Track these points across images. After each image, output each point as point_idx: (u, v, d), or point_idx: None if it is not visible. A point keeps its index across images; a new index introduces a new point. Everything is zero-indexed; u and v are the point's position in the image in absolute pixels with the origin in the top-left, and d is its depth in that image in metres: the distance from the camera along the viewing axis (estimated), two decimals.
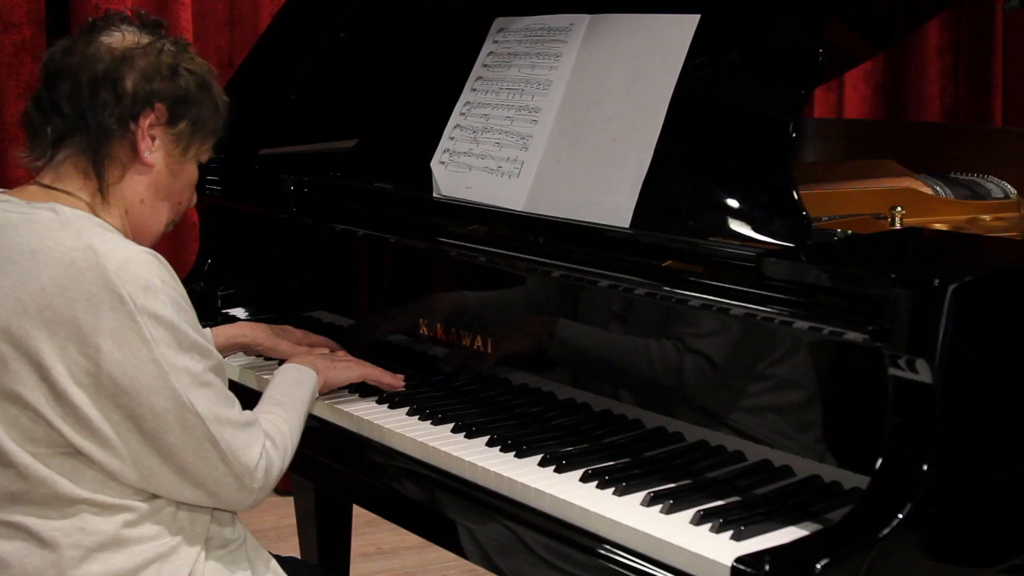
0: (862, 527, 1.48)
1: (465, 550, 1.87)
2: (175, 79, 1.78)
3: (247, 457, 1.72)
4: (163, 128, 1.78)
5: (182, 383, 1.65)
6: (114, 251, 1.65)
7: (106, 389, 1.63)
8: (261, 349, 2.31)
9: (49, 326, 1.62)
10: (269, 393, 1.97)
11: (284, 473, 1.83)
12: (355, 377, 2.16)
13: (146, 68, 1.75)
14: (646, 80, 2.08)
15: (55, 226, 1.67)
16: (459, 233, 2.22)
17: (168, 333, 1.65)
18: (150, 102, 1.75)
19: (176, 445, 1.66)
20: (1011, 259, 1.84)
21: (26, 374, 1.63)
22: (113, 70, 1.74)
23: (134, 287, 1.63)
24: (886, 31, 2.92)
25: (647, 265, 1.89)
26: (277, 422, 1.86)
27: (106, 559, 1.68)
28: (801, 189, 1.89)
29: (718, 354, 1.79)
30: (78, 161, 1.75)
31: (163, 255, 1.72)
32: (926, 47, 4.90)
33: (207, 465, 1.69)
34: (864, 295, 1.59)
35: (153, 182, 1.79)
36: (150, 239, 1.84)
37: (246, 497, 1.74)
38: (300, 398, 1.98)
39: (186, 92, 1.79)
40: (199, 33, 4.11)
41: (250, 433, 1.74)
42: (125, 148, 1.76)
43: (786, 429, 1.71)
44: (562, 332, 2.02)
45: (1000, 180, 2.57)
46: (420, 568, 3.75)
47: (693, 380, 1.82)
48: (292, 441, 1.87)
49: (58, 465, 1.66)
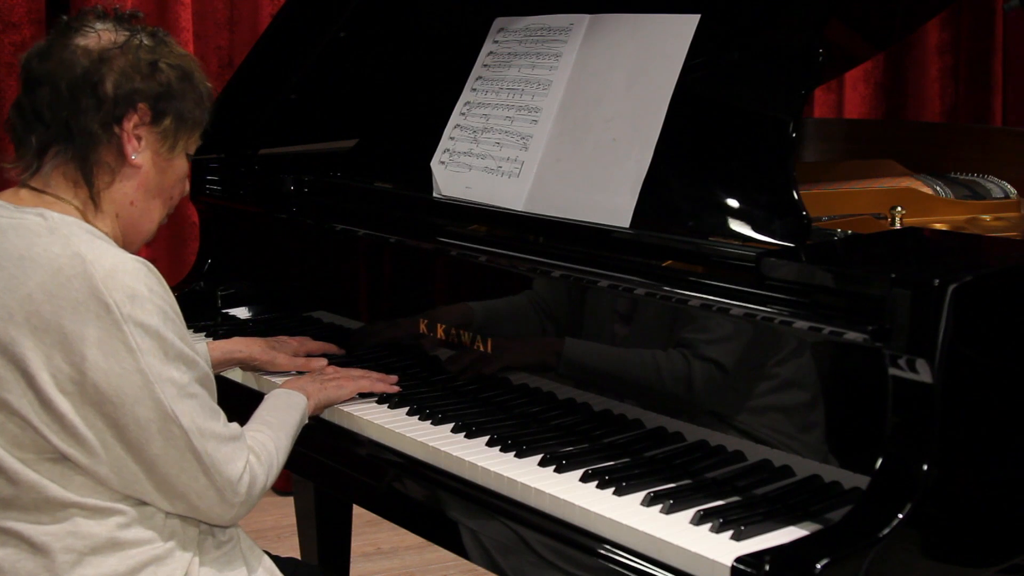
0: (862, 527, 1.48)
1: (465, 550, 1.87)
2: (155, 75, 1.75)
3: (230, 471, 1.71)
4: (148, 128, 1.76)
5: (167, 394, 1.64)
6: (102, 259, 1.63)
7: (90, 397, 1.62)
8: (258, 364, 2.31)
9: (35, 333, 1.61)
10: (258, 414, 1.95)
11: (267, 491, 1.80)
12: (346, 395, 2.14)
13: (125, 68, 1.73)
14: (646, 80, 2.08)
15: (43, 232, 1.66)
16: (459, 233, 2.22)
17: (154, 343, 1.63)
18: (132, 103, 1.73)
19: (158, 456, 1.65)
20: (1011, 259, 1.84)
21: (12, 380, 1.62)
22: (92, 73, 1.71)
23: (121, 296, 1.62)
24: (886, 31, 2.92)
25: (647, 265, 1.90)
26: (263, 440, 1.84)
27: (99, 563, 1.67)
28: (801, 189, 1.89)
29: (719, 354, 1.79)
30: (67, 170, 1.73)
31: (163, 255, 1.72)
32: (926, 47, 4.90)
33: (188, 477, 1.68)
34: (864, 295, 1.59)
35: (143, 183, 1.78)
36: (144, 238, 1.83)
37: (226, 511, 1.73)
38: (289, 421, 1.96)
39: (167, 87, 1.76)
40: (199, 33, 4.11)
41: (234, 448, 1.73)
42: (111, 152, 1.74)
43: (786, 429, 1.71)
44: (562, 332, 2.02)
45: (1000, 180, 2.57)
46: (420, 568, 3.75)
47: (693, 380, 1.82)
48: (278, 460, 1.86)
49: (47, 470, 1.65)
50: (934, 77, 4.93)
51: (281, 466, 1.87)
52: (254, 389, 2.31)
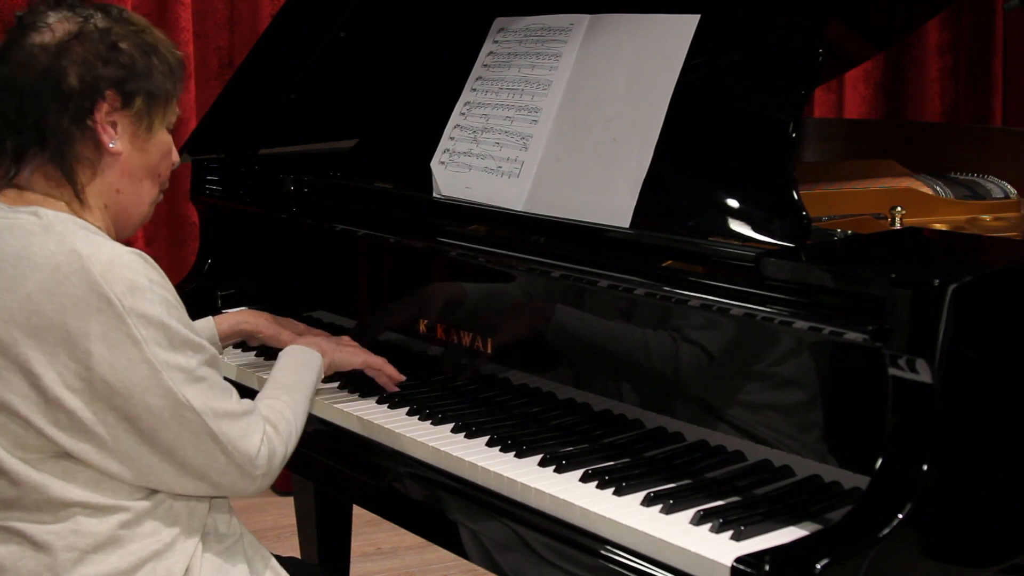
0: (862, 527, 1.48)
1: (465, 550, 1.87)
2: (117, 58, 1.71)
3: (247, 446, 1.71)
4: (120, 112, 1.72)
5: (176, 380, 1.64)
6: (98, 253, 1.63)
7: (99, 392, 1.62)
8: (263, 337, 2.29)
9: (37, 333, 1.61)
10: (273, 375, 1.96)
11: (288, 458, 1.82)
12: (358, 363, 2.16)
13: (85, 56, 1.69)
14: (646, 80, 2.08)
15: (38, 231, 1.66)
16: (459, 233, 2.22)
17: (158, 332, 1.63)
18: (99, 91, 1.70)
19: (174, 441, 1.66)
20: (1011, 259, 1.84)
21: (15, 382, 1.62)
22: (52, 70, 1.68)
23: (121, 288, 1.61)
24: (886, 31, 2.92)
25: (647, 265, 1.89)
26: (280, 407, 1.85)
27: (101, 560, 1.67)
28: (801, 189, 1.89)
29: (718, 355, 1.79)
30: (47, 171, 1.72)
31: (163, 255, 1.72)
32: (926, 47, 4.90)
33: (208, 457, 1.68)
34: (864, 295, 1.59)
35: (126, 169, 1.75)
36: (137, 222, 1.81)
37: (249, 484, 1.74)
38: (305, 380, 1.97)
39: (131, 67, 1.72)
40: (199, 33, 4.11)
41: (249, 422, 1.73)
42: (89, 146, 1.72)
43: (786, 429, 1.71)
44: (562, 333, 2.02)
45: (1000, 180, 2.57)
46: (420, 568, 3.75)
47: (694, 380, 1.82)
48: (296, 426, 1.86)
49: (49, 468, 1.65)
50: (934, 77, 4.93)
51: (300, 431, 1.87)
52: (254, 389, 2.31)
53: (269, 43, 2.66)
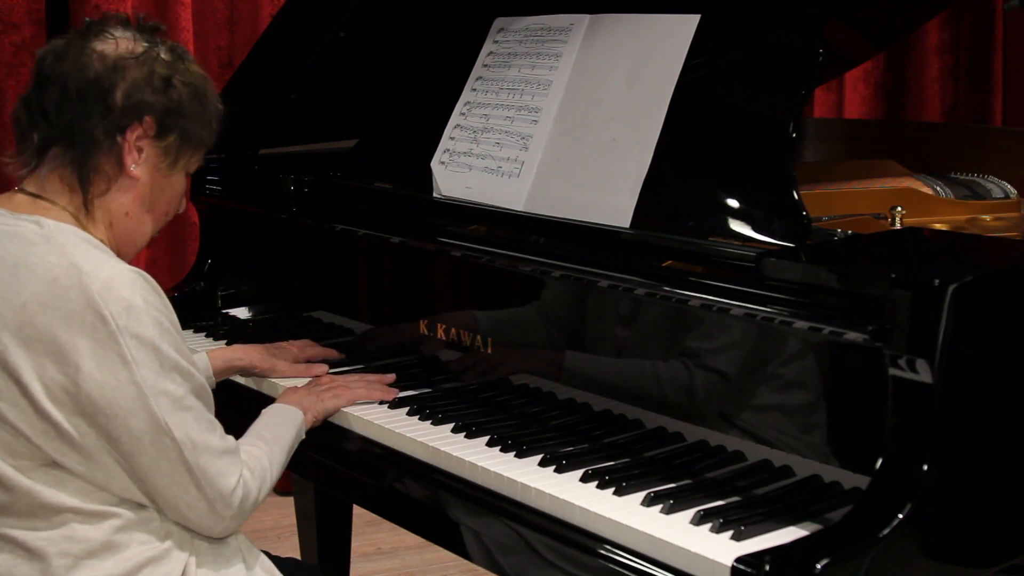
0: (862, 527, 1.48)
1: (466, 550, 1.87)
2: (167, 91, 1.74)
3: (222, 484, 1.71)
4: (150, 141, 1.75)
5: (161, 406, 1.64)
6: (98, 270, 1.63)
7: (83, 408, 1.62)
8: (258, 371, 2.29)
9: (28, 342, 1.61)
10: (254, 428, 1.95)
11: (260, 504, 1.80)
12: (343, 404, 2.12)
13: (138, 79, 1.72)
14: (646, 80, 2.08)
15: (39, 240, 1.66)
16: (459, 233, 2.22)
17: (150, 355, 1.63)
18: (139, 114, 1.72)
19: (151, 468, 1.65)
20: (1011, 259, 1.84)
21: (5, 389, 1.62)
22: (104, 79, 1.71)
23: (117, 307, 1.61)
24: (886, 31, 2.92)
25: (647, 265, 1.89)
26: (258, 454, 1.84)
27: (95, 566, 1.67)
28: (801, 189, 1.89)
29: (718, 354, 1.79)
30: (64, 173, 1.73)
31: (163, 255, 1.72)
32: (926, 47, 4.90)
33: (180, 488, 1.68)
34: (864, 295, 1.59)
35: (139, 195, 1.77)
36: (134, 251, 1.82)
37: (216, 523, 1.73)
38: (284, 436, 1.95)
39: (178, 104, 1.75)
40: (199, 33, 4.11)
41: (228, 461, 1.72)
42: (111, 161, 1.73)
43: (786, 429, 1.71)
44: (562, 332, 2.02)
45: (1000, 180, 2.57)
46: (420, 568, 3.75)
47: (693, 380, 1.82)
48: (271, 475, 1.85)
49: (41, 476, 1.65)
50: (934, 77, 4.93)
51: (275, 481, 1.86)
52: (255, 390, 2.31)
53: (269, 43, 2.66)
